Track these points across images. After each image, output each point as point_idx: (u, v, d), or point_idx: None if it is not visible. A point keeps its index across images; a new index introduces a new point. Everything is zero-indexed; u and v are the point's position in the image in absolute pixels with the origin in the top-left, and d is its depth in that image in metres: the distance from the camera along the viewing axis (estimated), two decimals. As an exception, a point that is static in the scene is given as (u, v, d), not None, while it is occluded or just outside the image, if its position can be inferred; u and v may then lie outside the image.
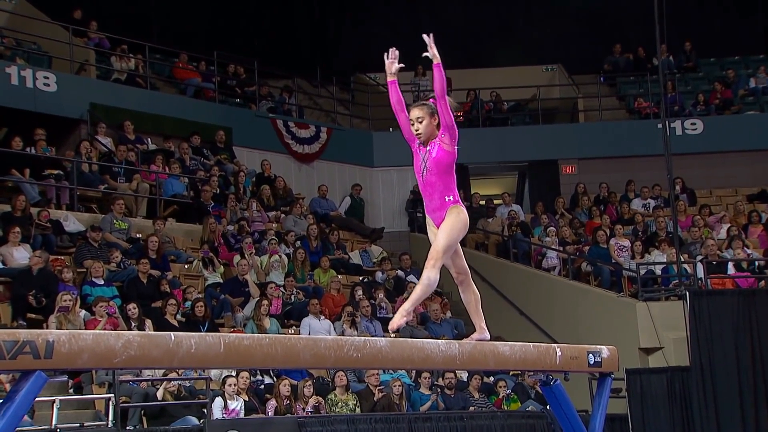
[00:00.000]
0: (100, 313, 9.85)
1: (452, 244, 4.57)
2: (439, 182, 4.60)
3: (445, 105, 4.57)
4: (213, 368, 8.77)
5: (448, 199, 4.62)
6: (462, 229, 4.61)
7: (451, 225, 4.55)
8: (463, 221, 4.60)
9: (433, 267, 4.49)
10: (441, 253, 4.52)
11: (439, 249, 4.52)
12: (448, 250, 4.56)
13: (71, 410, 9.06)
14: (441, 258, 4.52)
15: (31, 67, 13.78)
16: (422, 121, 4.64)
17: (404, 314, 4.45)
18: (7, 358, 3.04)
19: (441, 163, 4.58)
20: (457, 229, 4.56)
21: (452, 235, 4.55)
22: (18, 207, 11.36)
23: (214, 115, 15.75)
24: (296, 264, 13.07)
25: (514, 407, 11.27)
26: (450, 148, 4.59)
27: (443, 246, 4.53)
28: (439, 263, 4.50)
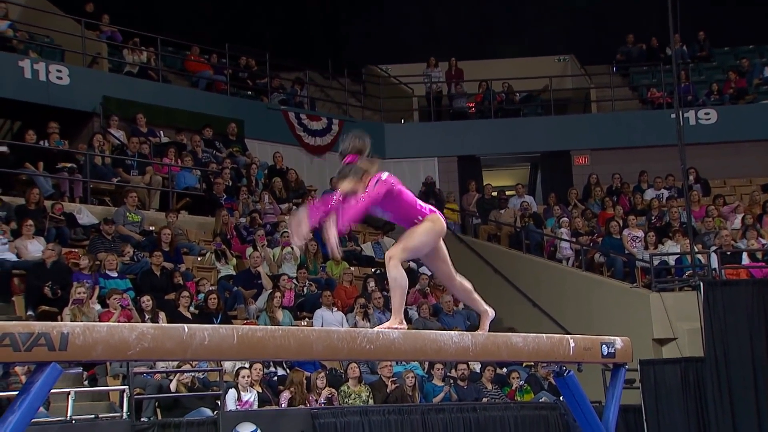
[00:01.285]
0: (114, 305, 9.89)
1: (416, 246, 4.62)
2: (401, 218, 4.71)
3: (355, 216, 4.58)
4: (226, 360, 8.80)
5: (417, 221, 4.68)
6: (432, 235, 4.65)
7: (420, 229, 4.62)
8: (436, 228, 4.65)
9: (392, 263, 4.51)
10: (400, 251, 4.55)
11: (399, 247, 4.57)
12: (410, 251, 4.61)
13: (86, 402, 9.11)
14: (398, 255, 4.53)
15: (44, 60, 13.82)
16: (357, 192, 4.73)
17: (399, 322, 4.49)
18: (22, 350, 3.06)
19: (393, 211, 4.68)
20: (424, 233, 4.62)
21: (417, 238, 4.60)
22: (32, 200, 11.42)
23: (226, 108, 15.77)
24: (309, 256, 13.08)
25: (527, 398, 11.25)
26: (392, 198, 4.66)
27: (403, 245, 4.58)
28: (395, 260, 4.51)
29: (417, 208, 4.70)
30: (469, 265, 15.63)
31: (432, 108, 18.48)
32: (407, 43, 19.64)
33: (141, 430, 8.29)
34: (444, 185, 17.44)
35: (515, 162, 19.04)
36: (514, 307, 14.68)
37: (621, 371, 5.39)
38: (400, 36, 19.90)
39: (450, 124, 18.14)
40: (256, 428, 8.65)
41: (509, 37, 20.15)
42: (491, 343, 4.72)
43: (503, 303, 14.94)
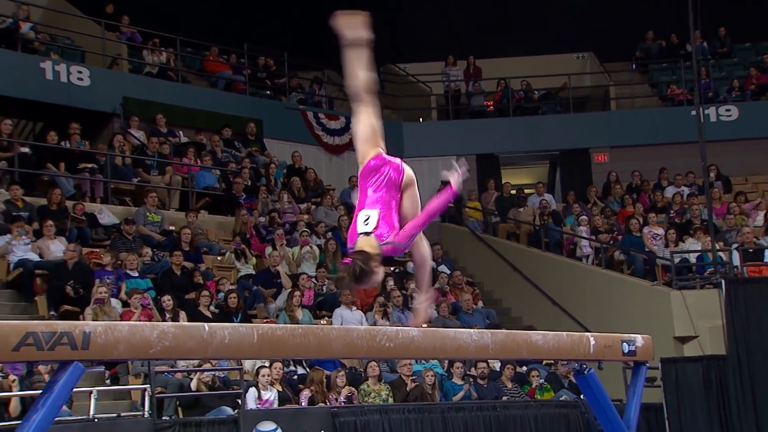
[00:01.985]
0: (135, 304, 9.95)
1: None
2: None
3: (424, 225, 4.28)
4: (247, 359, 8.83)
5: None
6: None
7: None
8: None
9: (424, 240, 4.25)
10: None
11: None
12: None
13: (108, 401, 9.18)
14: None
15: (65, 61, 13.92)
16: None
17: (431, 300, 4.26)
18: (45, 349, 3.08)
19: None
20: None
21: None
22: (54, 200, 11.51)
23: (244, 108, 15.82)
24: (327, 255, 13.09)
25: (547, 397, 11.22)
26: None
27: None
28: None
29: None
30: (489, 263, 15.61)
31: (450, 106, 18.45)
32: (425, 42, 19.62)
33: (162, 429, 8.34)
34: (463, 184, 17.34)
35: (534, 160, 18.98)
36: (533, 305, 14.65)
37: (642, 369, 5.35)
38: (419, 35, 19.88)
39: (468, 122, 18.11)
40: (276, 427, 8.68)
41: (527, 35, 20.06)
42: (511, 341, 4.70)
43: (523, 301, 14.94)
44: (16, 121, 13.85)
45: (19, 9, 13.90)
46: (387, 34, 20.17)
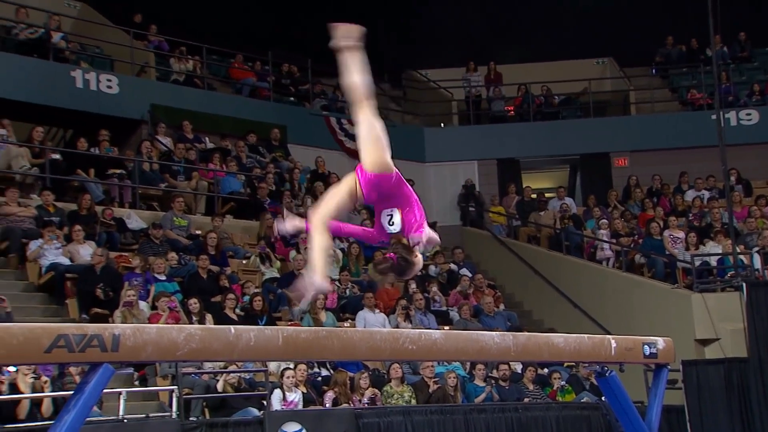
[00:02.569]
0: (162, 307, 10.01)
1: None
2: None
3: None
4: (272, 360, 8.85)
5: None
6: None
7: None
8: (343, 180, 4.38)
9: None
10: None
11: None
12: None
13: (137, 401, 9.23)
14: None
15: (94, 70, 14.04)
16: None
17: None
18: (76, 351, 3.11)
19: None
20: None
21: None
22: (83, 206, 11.61)
23: (269, 114, 15.88)
24: (351, 258, 13.11)
25: (568, 398, 11.15)
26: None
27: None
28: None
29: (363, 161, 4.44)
30: (510, 266, 15.57)
31: (471, 111, 18.43)
32: (446, 48, 19.60)
33: (190, 429, 8.38)
34: (484, 188, 17.37)
35: (554, 164, 18.91)
36: (554, 307, 14.58)
37: (663, 372, 5.32)
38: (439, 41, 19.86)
39: (489, 127, 18.08)
40: (301, 428, 8.69)
41: (548, 40, 20.00)
42: (533, 343, 4.68)
43: (544, 304, 14.88)
44: (47, 128, 13.98)
45: (50, 19, 14.05)
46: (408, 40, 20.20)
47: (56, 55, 13.83)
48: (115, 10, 16.10)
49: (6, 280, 10.55)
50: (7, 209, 11.02)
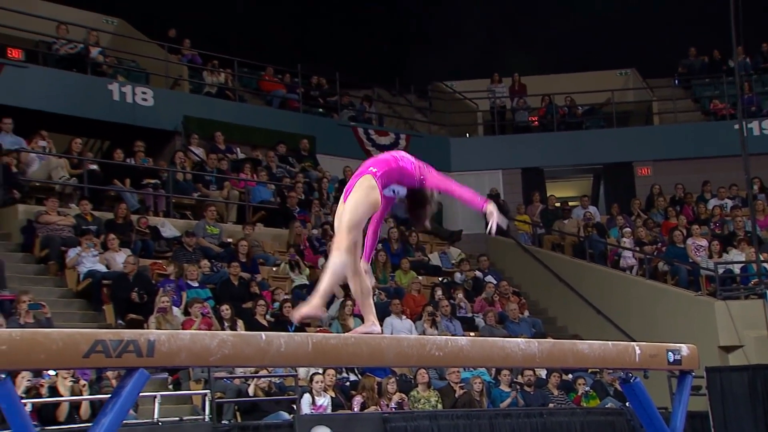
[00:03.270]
0: (195, 313, 10.07)
1: (358, 221, 4.08)
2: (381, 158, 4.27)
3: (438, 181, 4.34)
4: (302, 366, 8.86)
5: (371, 170, 4.18)
6: (369, 206, 4.11)
7: (356, 201, 4.09)
8: (372, 197, 4.10)
9: (337, 249, 4.02)
10: (345, 232, 4.04)
11: (344, 228, 4.04)
12: (354, 228, 4.07)
13: (171, 405, 9.27)
14: (346, 238, 4.03)
15: (130, 83, 14.19)
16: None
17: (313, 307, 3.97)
18: (113, 356, 3.13)
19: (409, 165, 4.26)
20: (363, 204, 4.08)
21: (357, 211, 4.08)
22: (120, 215, 11.72)
23: (298, 125, 15.95)
24: (378, 266, 13.10)
25: (593, 404, 11.06)
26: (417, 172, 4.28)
27: (347, 224, 4.05)
28: (345, 244, 4.02)
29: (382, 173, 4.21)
30: (534, 273, 15.48)
31: (496, 122, 18.38)
32: (471, 60, 19.59)
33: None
34: (508, 197, 17.31)
35: (578, 173, 18.80)
36: (578, 314, 14.48)
37: (688, 378, 5.25)
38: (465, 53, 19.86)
39: (514, 137, 18.02)
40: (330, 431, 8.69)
41: (571, 52, 19.93)
42: (558, 350, 4.64)
43: (568, 311, 14.78)
44: (85, 140, 14.15)
45: (89, 35, 14.21)
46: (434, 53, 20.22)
47: (94, 69, 14.00)
48: (151, 26, 16.28)
49: (46, 287, 10.66)
50: (47, 218, 11.14)
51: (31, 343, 3.00)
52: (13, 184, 11.59)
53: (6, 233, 11.40)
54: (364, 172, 4.18)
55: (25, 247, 11.18)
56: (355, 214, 4.07)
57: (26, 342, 3.00)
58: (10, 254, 10.95)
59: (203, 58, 16.06)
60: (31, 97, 12.85)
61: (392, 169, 4.23)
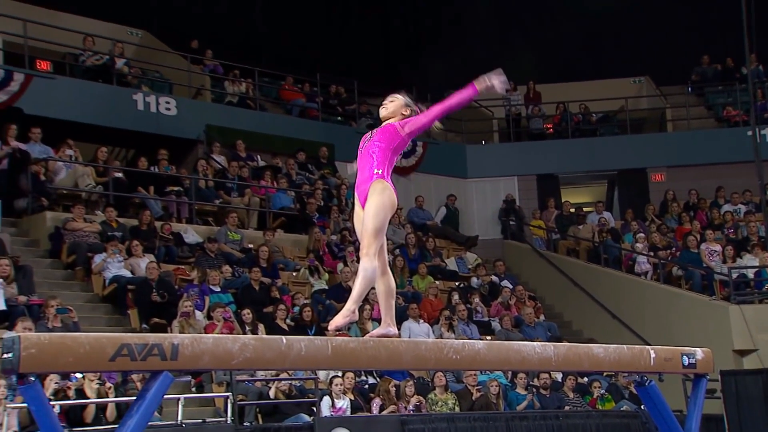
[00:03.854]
0: (218, 317, 10.10)
1: (381, 225, 4.12)
2: (375, 153, 4.24)
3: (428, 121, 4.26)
4: (321, 369, 8.87)
5: (377, 172, 4.22)
6: (389, 208, 4.16)
7: (376, 206, 4.12)
8: (389, 198, 4.16)
9: (367, 255, 4.04)
10: (372, 238, 4.07)
11: (370, 235, 4.07)
12: (379, 232, 4.11)
13: (194, 407, 9.30)
14: (374, 244, 4.07)
15: (154, 93, 14.27)
16: (393, 101, 4.40)
17: (348, 314, 4.02)
18: (138, 360, 3.16)
19: (387, 137, 4.25)
20: (383, 208, 4.13)
21: (379, 216, 4.11)
22: (144, 221, 11.79)
23: (317, 133, 15.98)
24: (396, 271, 13.09)
25: (608, 407, 10.99)
26: (401, 131, 4.26)
27: (372, 230, 4.08)
28: (373, 249, 4.05)
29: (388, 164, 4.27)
30: (550, 278, 15.42)
31: (511, 129, 18.34)
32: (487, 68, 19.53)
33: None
34: (524, 203, 17.26)
35: (592, 180, 18.71)
36: (593, 318, 14.41)
37: (702, 381, 5.21)
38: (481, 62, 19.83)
39: (529, 144, 17.97)
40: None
41: (585, 60, 19.85)
42: (573, 353, 4.63)
43: (583, 315, 14.70)
44: (110, 148, 14.24)
45: (114, 46, 14.32)
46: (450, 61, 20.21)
47: (119, 80, 14.09)
48: (174, 37, 16.38)
49: (73, 292, 10.74)
50: (74, 225, 11.23)
51: (60, 347, 3.03)
52: (41, 192, 11.69)
53: (34, 240, 11.49)
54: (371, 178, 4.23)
55: (52, 253, 11.26)
56: (378, 219, 4.11)
57: (54, 346, 3.02)
58: (39, 260, 11.03)
59: (225, 68, 16.14)
60: (58, 108, 12.95)
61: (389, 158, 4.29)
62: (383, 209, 4.13)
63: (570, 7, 19.93)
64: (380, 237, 4.13)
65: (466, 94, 4.27)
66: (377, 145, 4.25)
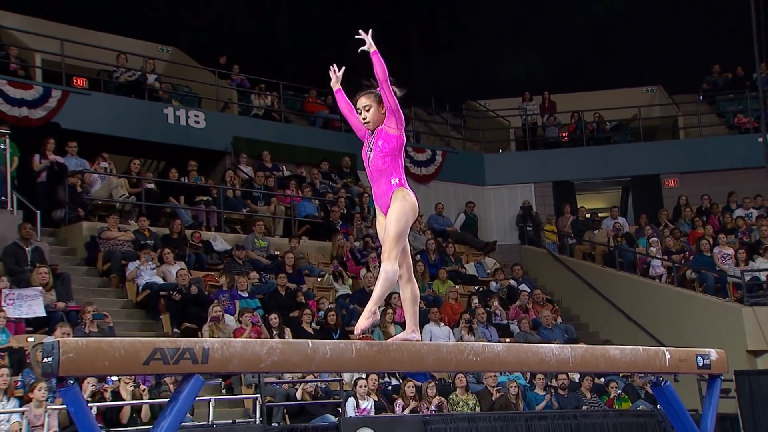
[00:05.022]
0: (246, 322, 10.13)
1: (402, 230, 4.07)
2: (384, 166, 4.15)
3: (389, 89, 4.16)
4: (346, 371, 8.87)
5: (394, 182, 4.15)
6: (410, 213, 4.10)
7: (398, 211, 4.07)
8: (410, 204, 4.11)
9: (388, 258, 3.98)
10: (394, 242, 4.02)
11: (392, 239, 4.02)
12: (401, 237, 4.06)
13: (224, 408, 9.33)
14: (395, 248, 4.02)
15: (184, 107, 14.37)
16: (369, 109, 4.27)
17: (369, 315, 3.94)
18: (170, 363, 3.17)
19: (387, 146, 4.16)
20: (403, 214, 4.07)
21: (400, 222, 4.05)
22: (175, 230, 11.86)
23: (340, 143, 16.01)
24: (417, 275, 13.02)
25: (624, 406, 10.90)
26: (396, 132, 4.18)
27: (394, 234, 4.02)
28: (394, 253, 4.00)
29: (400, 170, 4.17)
30: (566, 282, 15.33)
31: (528, 138, 18.29)
32: (503, 80, 19.51)
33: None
34: (540, 209, 17.20)
35: (607, 186, 18.60)
36: (609, 321, 14.30)
37: (717, 382, 5.16)
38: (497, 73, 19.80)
39: (545, 152, 17.90)
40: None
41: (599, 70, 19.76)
42: (590, 355, 4.60)
43: (599, 317, 14.59)
44: (143, 160, 14.35)
45: (146, 63, 14.46)
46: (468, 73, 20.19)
47: (151, 95, 14.20)
48: (203, 53, 16.50)
49: (108, 298, 10.81)
50: (108, 234, 11.32)
51: (96, 351, 3.06)
52: (77, 203, 11.80)
53: (72, 248, 11.60)
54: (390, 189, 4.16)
55: (89, 261, 11.36)
56: (400, 224, 4.07)
57: (91, 350, 3.05)
58: (76, 268, 11.13)
59: (251, 82, 16.23)
60: (93, 122, 13.08)
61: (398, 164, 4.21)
62: (405, 215, 4.10)
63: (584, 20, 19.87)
64: (401, 241, 4.09)
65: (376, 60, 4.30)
66: (383, 158, 4.17)
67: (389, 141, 4.18)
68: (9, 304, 9.07)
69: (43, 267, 9.77)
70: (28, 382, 7.89)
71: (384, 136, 4.19)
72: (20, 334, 9.00)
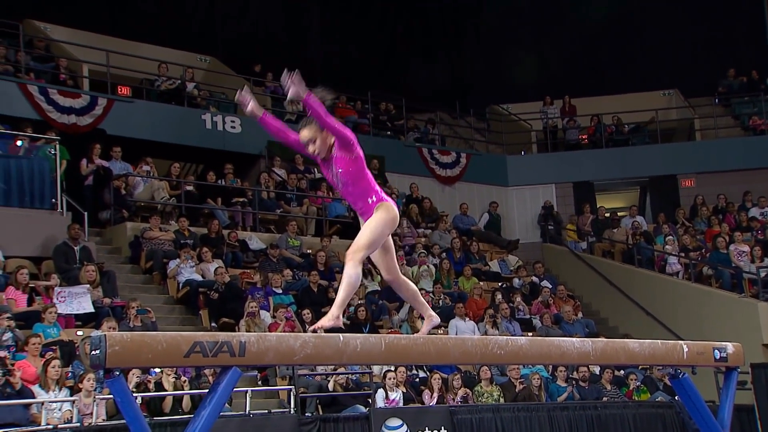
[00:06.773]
0: (280, 317, 10.18)
1: (376, 239, 3.94)
2: (356, 190, 4.02)
3: (332, 124, 3.95)
4: (376, 364, 8.88)
5: (371, 201, 4.02)
6: (389, 224, 3.97)
7: (377, 220, 3.95)
8: (392, 216, 3.98)
9: (352, 261, 3.89)
10: (361, 248, 3.90)
11: (360, 244, 3.91)
12: (371, 245, 3.94)
13: (260, 399, 9.38)
14: (363, 251, 3.91)
15: (220, 113, 14.47)
16: (315, 141, 4.04)
17: (332, 319, 3.86)
18: (209, 356, 3.20)
19: (348, 173, 3.99)
20: (381, 224, 3.94)
21: (376, 231, 3.92)
22: (213, 230, 11.95)
23: (368, 146, 15.92)
24: (442, 273, 13.06)
25: (643, 398, 10.79)
26: (351, 156, 3.98)
27: (364, 242, 3.91)
28: (359, 255, 3.89)
29: (373, 186, 4.03)
30: (587, 278, 15.21)
31: (549, 140, 18.17)
32: (525, 84, 19.41)
33: (306, 424, 8.46)
34: (561, 208, 17.08)
35: (626, 186, 18.42)
36: (628, 315, 14.16)
37: (733, 374, 5.08)
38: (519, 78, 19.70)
39: (565, 154, 17.78)
40: (402, 423, 8.67)
41: (617, 75, 19.58)
42: (610, 348, 4.55)
43: (619, 312, 14.47)
44: (182, 164, 14.47)
45: (185, 72, 14.59)
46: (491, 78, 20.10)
47: (190, 102, 14.32)
48: (238, 62, 16.59)
49: (151, 294, 10.93)
50: (150, 234, 11.44)
51: (140, 345, 3.09)
52: (122, 205, 11.94)
53: (116, 248, 11.74)
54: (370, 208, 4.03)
55: (132, 260, 11.48)
56: (375, 233, 3.95)
57: (136, 343, 3.08)
58: (121, 266, 11.26)
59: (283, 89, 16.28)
60: (136, 128, 13.22)
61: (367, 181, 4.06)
62: (385, 225, 3.95)
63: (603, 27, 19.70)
64: (371, 248, 3.95)
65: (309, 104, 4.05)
66: (352, 183, 4.01)
67: (348, 166, 3.99)
68: (61, 301, 9.22)
69: (90, 265, 9.90)
70: (77, 373, 8.00)
71: (341, 162, 4.00)
72: (70, 328, 9.14)
